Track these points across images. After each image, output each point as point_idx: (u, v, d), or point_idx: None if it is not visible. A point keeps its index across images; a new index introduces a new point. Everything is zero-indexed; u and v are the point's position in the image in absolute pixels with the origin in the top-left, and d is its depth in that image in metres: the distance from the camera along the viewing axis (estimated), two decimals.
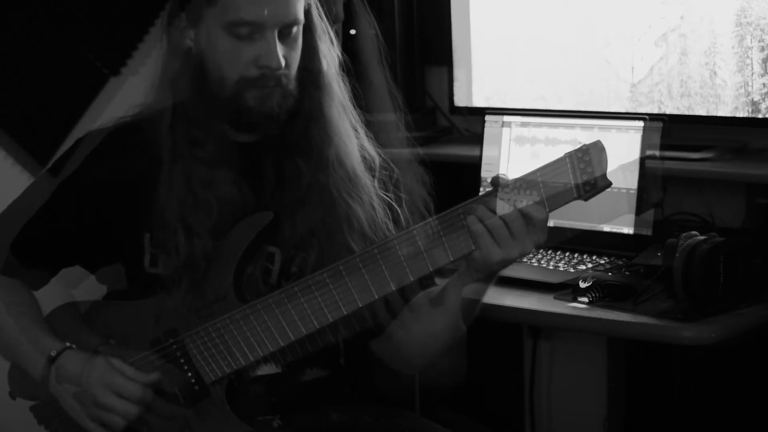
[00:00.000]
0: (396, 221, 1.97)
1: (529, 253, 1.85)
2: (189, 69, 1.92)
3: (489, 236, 1.74)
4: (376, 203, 1.97)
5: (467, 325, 1.90)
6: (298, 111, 1.93)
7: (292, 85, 1.90)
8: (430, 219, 1.80)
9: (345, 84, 2.00)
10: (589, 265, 2.47)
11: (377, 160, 2.01)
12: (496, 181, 1.76)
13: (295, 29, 1.90)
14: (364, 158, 2.00)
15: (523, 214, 1.73)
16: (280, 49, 1.86)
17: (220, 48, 1.88)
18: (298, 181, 1.94)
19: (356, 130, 2.00)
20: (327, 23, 1.97)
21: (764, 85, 2.55)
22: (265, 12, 1.85)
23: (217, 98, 1.90)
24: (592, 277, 2.28)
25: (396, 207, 1.98)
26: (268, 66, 1.86)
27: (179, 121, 1.92)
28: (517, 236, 1.74)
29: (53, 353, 1.88)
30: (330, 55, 1.97)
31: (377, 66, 2.14)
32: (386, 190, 2.00)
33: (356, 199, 1.95)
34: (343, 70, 2.00)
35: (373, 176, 1.99)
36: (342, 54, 2.00)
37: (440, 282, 1.89)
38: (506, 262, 1.77)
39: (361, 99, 2.03)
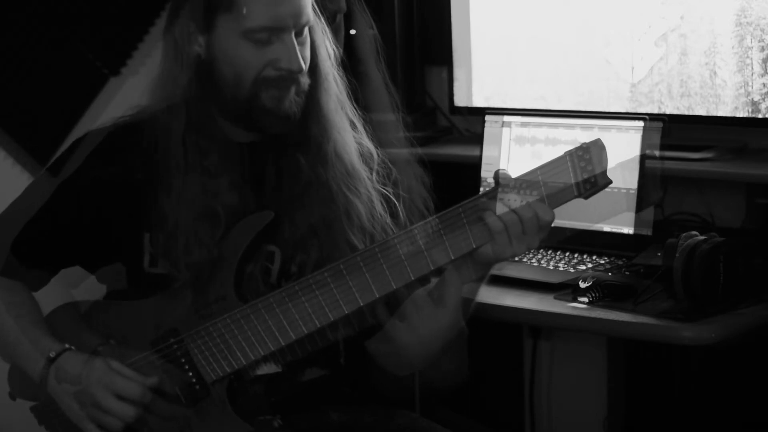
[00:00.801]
0: (394, 215, 1.97)
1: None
2: (198, 74, 1.91)
3: (506, 232, 1.75)
4: (374, 196, 1.97)
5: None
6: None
7: (304, 80, 1.91)
8: (431, 218, 1.80)
9: (341, 77, 1.99)
10: (589, 265, 2.47)
11: (374, 153, 2.02)
12: (497, 177, 1.77)
13: (306, 28, 1.90)
14: (360, 151, 2.00)
15: (536, 212, 1.74)
16: (297, 50, 1.87)
17: (237, 53, 1.86)
18: (297, 176, 1.94)
19: (353, 124, 2.00)
20: (322, 16, 1.97)
21: (764, 85, 2.55)
22: (285, 16, 1.85)
23: (231, 100, 1.90)
24: (592, 277, 2.28)
25: (394, 200, 1.99)
26: (289, 69, 1.87)
27: (188, 132, 1.92)
28: (528, 233, 1.76)
29: (52, 354, 1.87)
30: (325, 47, 1.96)
31: (375, 66, 2.14)
32: (384, 185, 2.00)
33: (355, 192, 1.95)
34: (339, 64, 2.00)
35: (371, 168, 2.00)
36: (338, 48, 2.00)
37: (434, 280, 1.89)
38: (511, 258, 1.78)
39: (360, 95, 2.03)
